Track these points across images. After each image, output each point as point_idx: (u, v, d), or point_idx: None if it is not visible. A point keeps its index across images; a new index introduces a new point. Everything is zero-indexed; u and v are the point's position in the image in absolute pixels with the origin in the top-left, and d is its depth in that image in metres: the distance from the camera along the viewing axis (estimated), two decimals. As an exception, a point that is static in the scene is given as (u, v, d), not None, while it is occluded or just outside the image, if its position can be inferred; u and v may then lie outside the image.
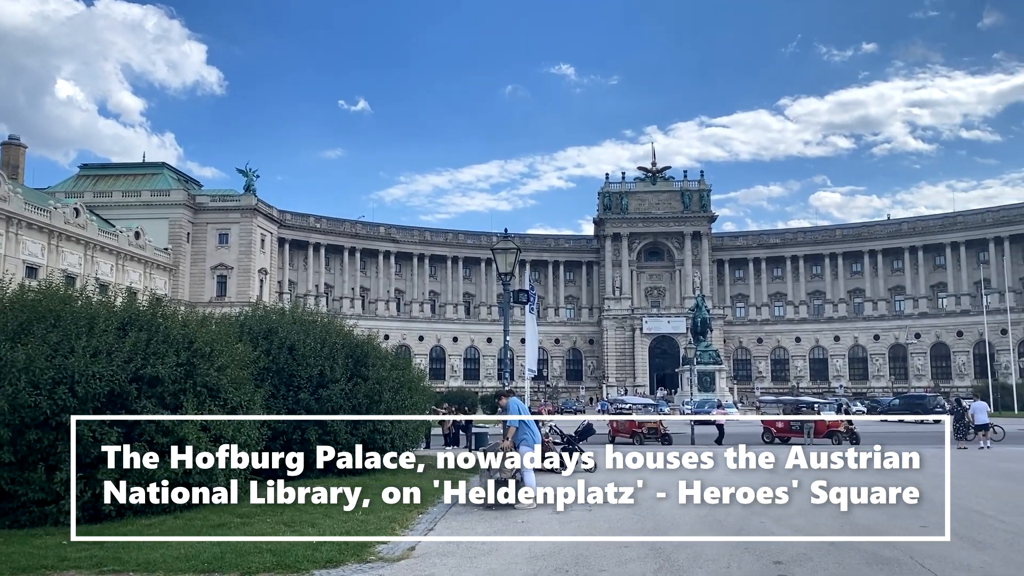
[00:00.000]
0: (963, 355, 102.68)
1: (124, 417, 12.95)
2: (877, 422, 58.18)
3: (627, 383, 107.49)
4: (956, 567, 8.84)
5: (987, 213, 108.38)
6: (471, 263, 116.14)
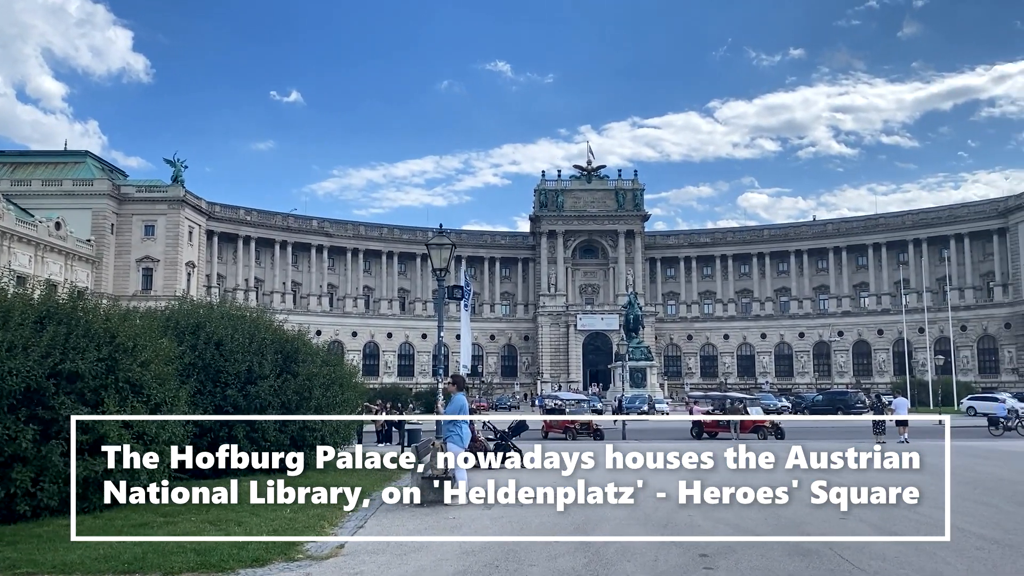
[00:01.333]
0: (883, 353, 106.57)
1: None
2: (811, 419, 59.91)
3: (561, 379, 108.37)
4: (871, 556, 9.16)
5: (907, 216, 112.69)
6: (406, 258, 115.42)
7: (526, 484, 16.41)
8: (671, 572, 8.48)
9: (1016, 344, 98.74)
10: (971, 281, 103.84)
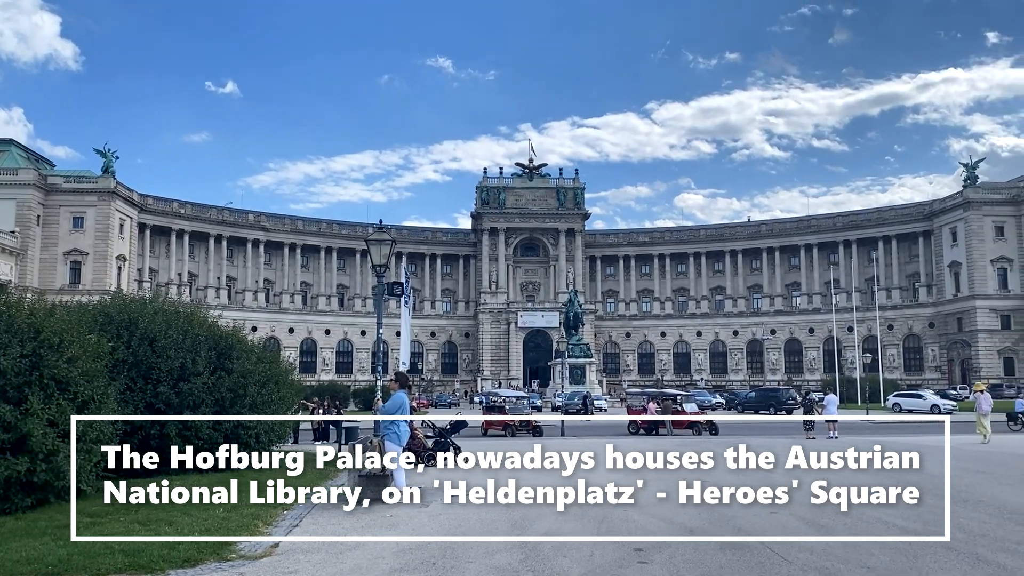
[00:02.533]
0: (814, 351, 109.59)
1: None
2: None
3: (501, 376, 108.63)
4: (800, 549, 9.43)
5: (837, 218, 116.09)
6: (345, 254, 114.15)
7: (465, 482, 16.43)
8: (606, 566, 8.60)
9: (939, 343, 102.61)
10: (898, 282, 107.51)
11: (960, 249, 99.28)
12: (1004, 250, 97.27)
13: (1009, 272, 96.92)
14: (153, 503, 9.22)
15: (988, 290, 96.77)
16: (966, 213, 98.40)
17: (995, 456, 20.99)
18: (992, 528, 10.74)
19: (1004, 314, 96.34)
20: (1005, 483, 15.65)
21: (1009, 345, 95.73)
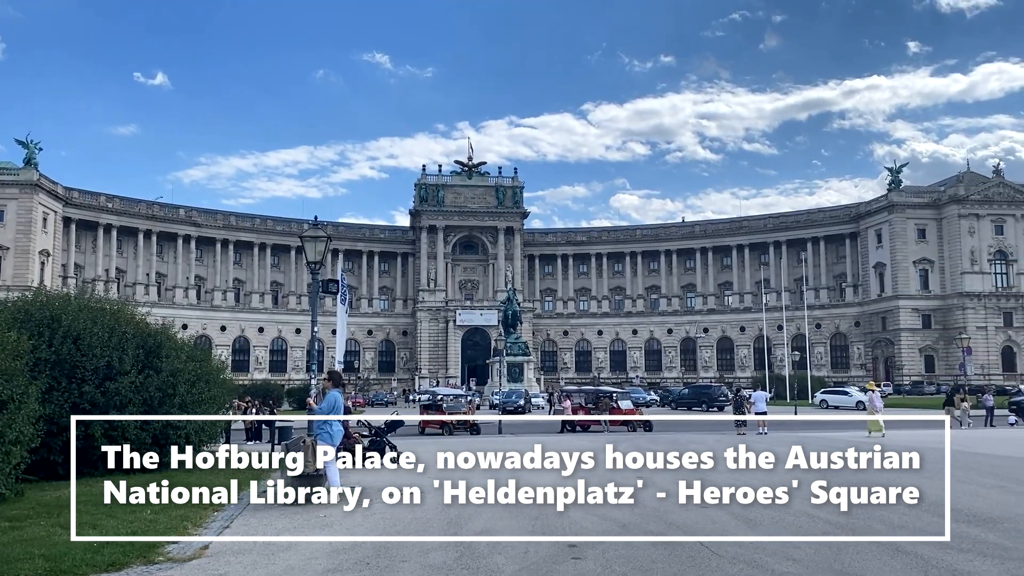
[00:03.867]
0: (745, 349, 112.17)
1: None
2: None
3: (440, 374, 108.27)
4: (730, 543, 9.66)
5: (768, 219, 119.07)
6: (280, 250, 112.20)
7: (400, 481, 16.34)
8: (541, 563, 8.67)
9: (864, 341, 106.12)
10: (826, 282, 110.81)
11: (884, 251, 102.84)
12: (926, 252, 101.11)
13: (930, 273, 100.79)
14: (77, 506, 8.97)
15: (910, 290, 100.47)
16: (890, 216, 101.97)
17: (912, 450, 21.81)
18: (911, 519, 11.16)
19: (925, 314, 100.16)
20: (923, 476, 16.26)
21: (929, 344, 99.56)
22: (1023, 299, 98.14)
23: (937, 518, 11.22)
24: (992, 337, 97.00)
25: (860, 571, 8.14)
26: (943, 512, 11.77)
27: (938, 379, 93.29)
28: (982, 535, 10.00)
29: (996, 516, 11.32)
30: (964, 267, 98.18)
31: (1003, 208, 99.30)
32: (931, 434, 30.93)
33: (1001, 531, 10.24)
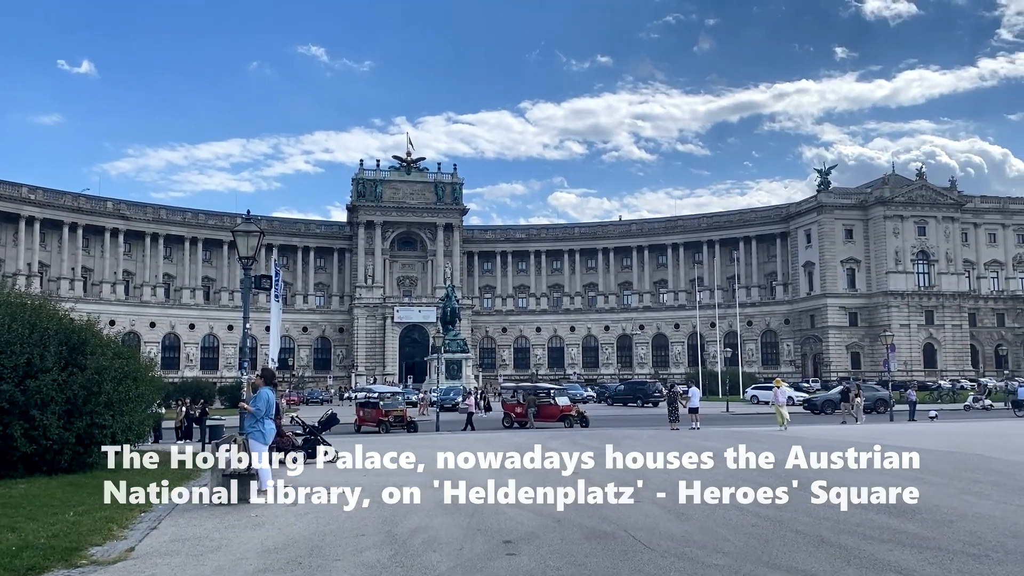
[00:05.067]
0: (679, 345, 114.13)
1: None
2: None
3: (377, 372, 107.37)
4: (661, 536, 9.81)
5: (702, 219, 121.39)
6: (212, 245, 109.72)
7: (335, 480, 16.16)
8: (476, 559, 8.66)
9: (794, 338, 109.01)
10: (757, 280, 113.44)
11: (814, 250, 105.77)
12: (853, 252, 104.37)
13: (857, 272, 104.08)
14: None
15: (838, 289, 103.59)
16: (819, 217, 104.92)
17: (836, 444, 22.46)
18: (835, 511, 11.50)
19: (852, 312, 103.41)
20: (848, 469, 16.79)
21: (856, 341, 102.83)
22: (944, 298, 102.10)
23: (860, 510, 11.60)
24: (915, 335, 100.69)
25: (788, 562, 8.36)
26: (865, 504, 12.18)
27: (864, 375, 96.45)
28: (901, 525, 10.36)
29: (915, 507, 11.75)
30: (889, 267, 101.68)
31: (926, 210, 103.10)
32: (835, 429, 31.97)
33: (920, 521, 10.63)
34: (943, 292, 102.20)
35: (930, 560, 8.38)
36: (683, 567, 8.21)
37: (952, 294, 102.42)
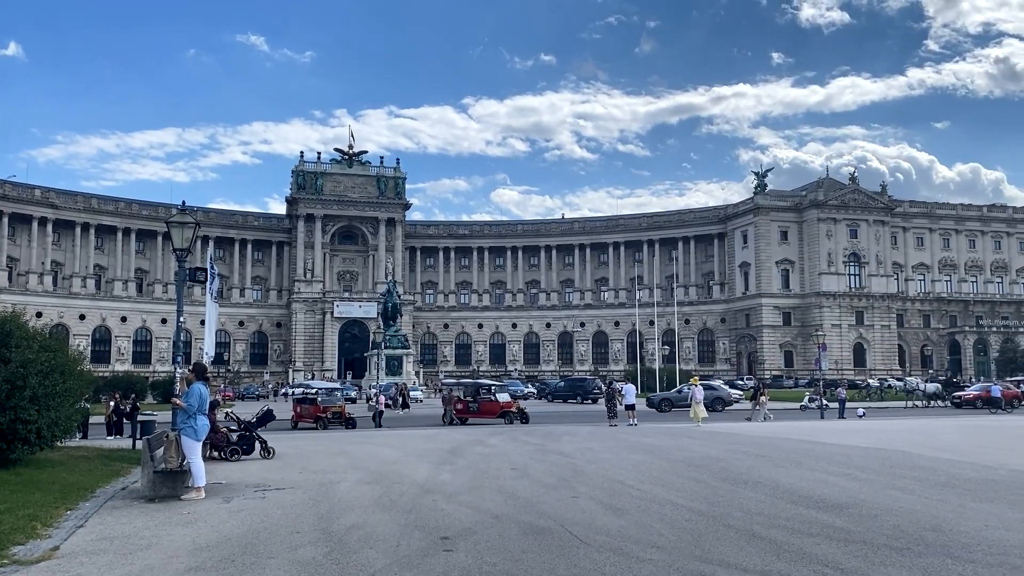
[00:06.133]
0: (619, 343, 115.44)
1: None
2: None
3: (315, 367, 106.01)
4: (597, 531, 9.90)
5: (642, 218, 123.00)
6: (146, 236, 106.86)
7: (270, 477, 15.91)
8: (412, 556, 8.63)
9: (729, 337, 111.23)
10: (695, 279, 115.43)
11: (750, 251, 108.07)
12: (787, 253, 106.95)
13: (791, 273, 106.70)
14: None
15: (772, 289, 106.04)
16: (756, 218, 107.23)
17: (768, 440, 23.01)
18: (766, 507, 11.78)
19: (786, 311, 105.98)
20: (779, 465, 17.20)
21: (789, 340, 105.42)
22: (873, 299, 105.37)
23: (791, 504, 11.91)
24: (845, 334, 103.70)
25: (720, 556, 8.53)
26: (796, 499, 12.51)
27: (796, 373, 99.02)
28: (829, 520, 10.66)
29: (842, 502, 12.11)
30: (822, 268, 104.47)
31: (858, 213, 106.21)
32: (767, 426, 32.82)
33: (846, 516, 10.95)
34: (873, 293, 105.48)
35: (855, 553, 8.65)
36: (618, 562, 8.31)
37: (881, 295, 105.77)
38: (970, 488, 13.48)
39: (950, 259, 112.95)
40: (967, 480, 14.49)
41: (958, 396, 52.49)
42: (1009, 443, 22.96)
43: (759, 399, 39.52)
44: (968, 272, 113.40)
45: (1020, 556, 8.45)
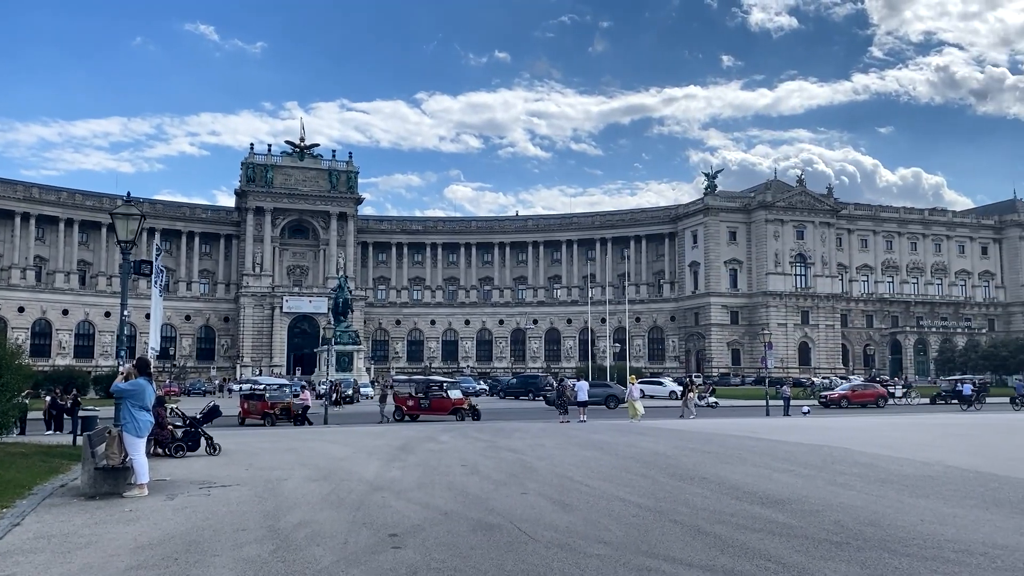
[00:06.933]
0: (571, 340, 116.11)
1: None
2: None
3: (264, 363, 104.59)
4: (545, 527, 9.95)
5: (595, 217, 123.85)
6: (89, 227, 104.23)
7: (216, 474, 15.66)
8: (360, 553, 8.57)
9: (679, 335, 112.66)
10: (646, 278, 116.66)
11: (699, 250, 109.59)
12: (736, 253, 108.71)
13: (739, 273, 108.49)
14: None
15: (721, 288, 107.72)
16: (705, 218, 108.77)
17: (714, 437, 23.40)
18: (712, 502, 11.97)
19: (733, 310, 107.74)
20: (725, 461, 17.49)
21: (736, 338, 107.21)
22: (818, 299, 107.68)
23: (735, 500, 12.12)
24: (791, 333, 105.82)
25: (665, 551, 8.64)
26: (740, 495, 12.74)
27: (743, 371, 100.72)
28: (772, 515, 10.87)
29: (785, 498, 12.36)
30: (769, 268, 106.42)
31: (804, 215, 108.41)
32: (712, 423, 33.37)
33: (789, 511, 11.17)
34: (818, 293, 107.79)
35: (797, 548, 8.84)
36: (566, 557, 8.37)
37: (826, 295, 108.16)
38: (908, 484, 13.87)
39: (892, 261, 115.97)
40: (905, 476, 14.90)
41: (824, 396, 53.47)
42: (945, 440, 23.67)
43: (687, 396, 40.42)
44: (910, 274, 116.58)
45: (953, 550, 8.73)
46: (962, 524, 10.20)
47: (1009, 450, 20.87)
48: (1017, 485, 13.66)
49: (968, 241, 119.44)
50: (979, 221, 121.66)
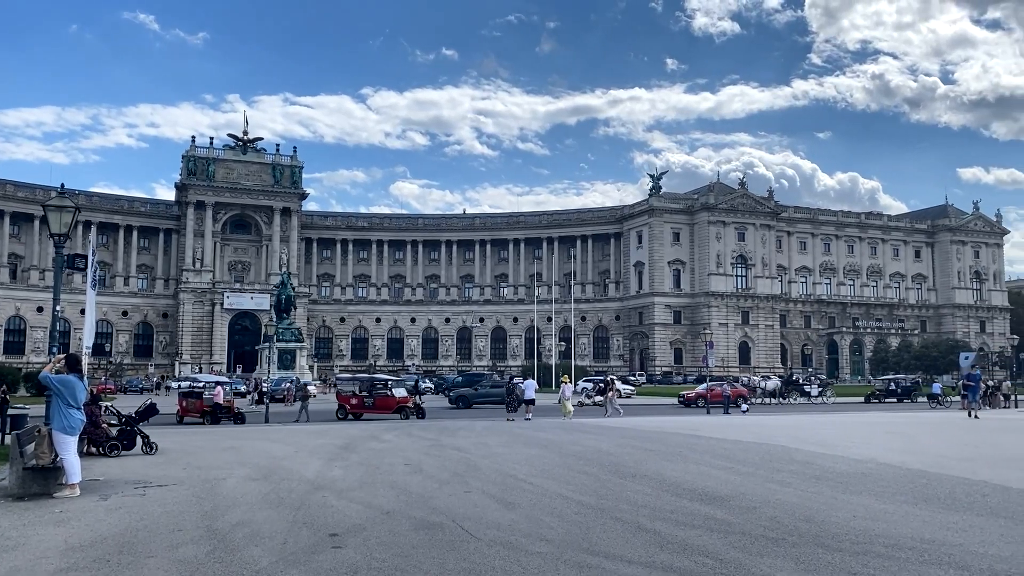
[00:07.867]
0: (517, 338, 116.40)
1: None
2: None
3: (203, 360, 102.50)
4: (488, 526, 9.96)
5: (542, 216, 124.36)
6: (21, 219, 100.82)
7: (152, 473, 15.30)
8: (300, 553, 8.46)
9: (623, 334, 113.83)
10: (592, 277, 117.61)
11: (644, 251, 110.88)
12: (679, 253, 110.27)
13: (682, 273, 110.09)
14: None
15: (665, 288, 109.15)
16: (650, 219, 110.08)
17: (656, 435, 23.70)
18: (652, 499, 12.12)
19: (676, 310, 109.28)
20: (666, 459, 17.73)
21: (679, 338, 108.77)
22: (759, 300, 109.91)
23: (675, 497, 12.30)
24: (732, 333, 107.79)
25: (606, 548, 8.72)
26: (680, 492, 12.93)
27: (685, 370, 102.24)
28: (711, 512, 11.05)
29: (724, 495, 12.58)
30: (711, 269, 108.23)
31: (745, 217, 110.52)
32: (654, 420, 33.86)
33: (728, 508, 11.37)
34: (758, 294, 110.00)
35: (734, 544, 9.00)
36: (507, 555, 8.39)
37: (766, 296, 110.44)
38: (842, 481, 14.22)
39: (830, 263, 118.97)
40: (839, 473, 15.28)
41: (683, 395, 54.16)
42: (883, 438, 24.35)
43: (608, 395, 40.41)
44: (846, 276, 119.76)
45: (883, 544, 8.98)
46: (892, 520, 10.50)
47: (938, 448, 21.58)
48: (945, 481, 14.13)
49: (902, 244, 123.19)
50: (912, 225, 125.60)
